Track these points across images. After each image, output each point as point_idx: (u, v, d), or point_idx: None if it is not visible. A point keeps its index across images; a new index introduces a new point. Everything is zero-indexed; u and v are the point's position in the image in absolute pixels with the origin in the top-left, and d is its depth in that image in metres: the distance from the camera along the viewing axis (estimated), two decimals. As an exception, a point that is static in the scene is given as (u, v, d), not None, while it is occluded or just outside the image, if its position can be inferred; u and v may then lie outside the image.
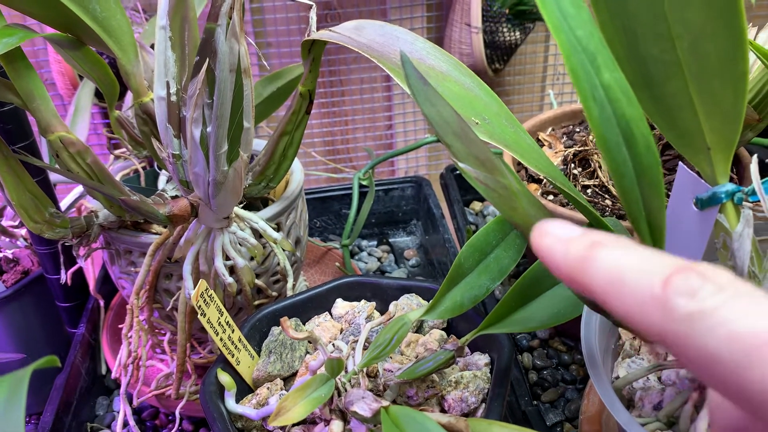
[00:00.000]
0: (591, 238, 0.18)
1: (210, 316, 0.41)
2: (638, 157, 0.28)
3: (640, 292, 0.16)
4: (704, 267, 0.16)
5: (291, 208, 0.58)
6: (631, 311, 0.16)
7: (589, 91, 0.26)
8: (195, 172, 0.42)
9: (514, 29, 1.00)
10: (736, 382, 0.15)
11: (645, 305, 0.16)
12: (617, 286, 0.17)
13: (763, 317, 0.14)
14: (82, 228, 0.53)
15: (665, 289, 0.16)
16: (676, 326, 0.15)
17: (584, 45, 0.26)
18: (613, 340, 0.42)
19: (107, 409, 0.63)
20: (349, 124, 1.16)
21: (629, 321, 0.17)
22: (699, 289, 0.15)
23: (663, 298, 0.16)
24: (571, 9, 0.25)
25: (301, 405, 0.35)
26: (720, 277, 0.16)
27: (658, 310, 0.16)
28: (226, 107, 0.39)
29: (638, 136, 0.28)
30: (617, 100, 0.27)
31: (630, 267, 0.17)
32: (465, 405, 0.40)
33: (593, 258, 0.17)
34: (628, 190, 0.29)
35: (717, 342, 0.15)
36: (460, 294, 0.42)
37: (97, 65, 0.54)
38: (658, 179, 0.29)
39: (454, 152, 0.34)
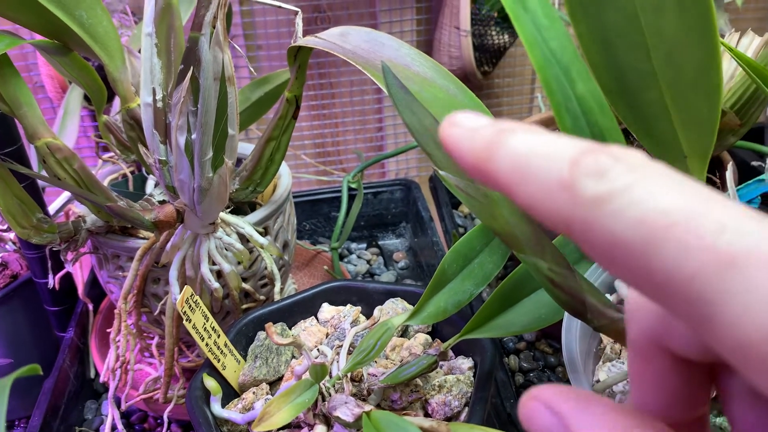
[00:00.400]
0: (500, 126, 0.16)
1: (195, 321, 0.41)
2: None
3: (545, 177, 0.15)
4: (617, 148, 0.15)
5: (278, 212, 0.58)
6: (535, 199, 0.15)
7: (563, 103, 0.27)
8: (180, 179, 0.42)
9: (502, 32, 1.00)
10: (644, 267, 0.13)
11: (550, 191, 0.14)
12: (522, 172, 0.15)
13: (673, 196, 0.13)
14: (69, 233, 0.54)
15: (572, 171, 0.14)
16: (583, 211, 0.14)
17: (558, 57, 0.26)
18: (594, 344, 0.43)
19: (96, 413, 0.63)
20: (339, 127, 1.16)
21: (534, 211, 0.15)
22: (609, 170, 0.14)
23: (569, 181, 0.14)
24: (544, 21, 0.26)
25: (285, 410, 0.35)
26: (632, 157, 0.14)
27: (564, 195, 0.14)
28: (210, 115, 0.39)
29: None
30: (591, 111, 0.27)
31: (537, 151, 0.15)
32: (448, 409, 0.41)
33: (499, 144, 0.16)
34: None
35: (625, 225, 0.13)
36: (444, 299, 0.42)
37: (85, 71, 0.54)
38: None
39: (434, 161, 0.34)
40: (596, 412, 0.15)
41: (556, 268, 0.34)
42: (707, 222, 0.13)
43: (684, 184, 0.14)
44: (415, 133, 0.34)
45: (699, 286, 0.13)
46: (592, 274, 0.43)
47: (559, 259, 0.34)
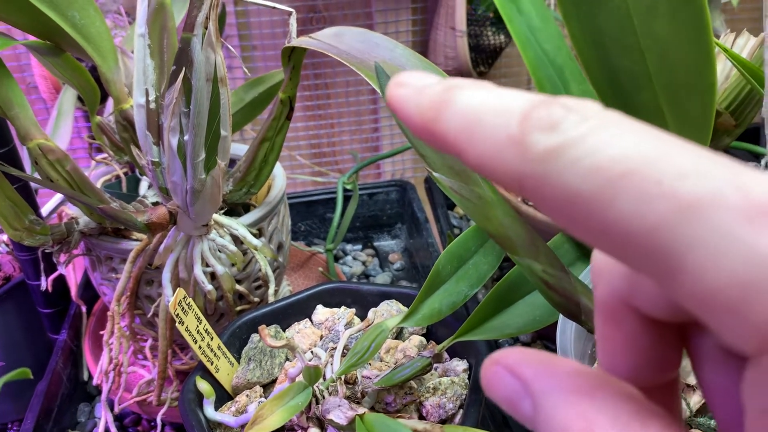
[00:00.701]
0: (448, 83, 0.15)
1: (188, 324, 0.41)
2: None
3: (495, 134, 0.14)
4: (569, 98, 0.14)
5: (273, 214, 0.58)
6: (485, 157, 0.14)
7: None
8: (173, 181, 0.42)
9: (498, 33, 1.00)
10: (601, 222, 0.12)
11: (500, 148, 0.13)
12: (471, 130, 0.14)
13: (629, 143, 0.12)
14: (62, 235, 0.53)
15: (522, 125, 0.13)
16: (534, 166, 0.13)
17: (552, 58, 0.26)
18: (589, 346, 0.43)
19: (89, 415, 0.63)
20: (335, 127, 1.16)
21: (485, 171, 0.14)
22: (561, 121, 0.13)
23: (520, 135, 0.13)
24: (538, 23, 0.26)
25: (278, 413, 0.35)
26: (586, 107, 0.13)
27: (514, 151, 0.13)
28: (202, 116, 0.39)
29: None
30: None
31: (487, 107, 0.14)
32: (443, 411, 0.40)
33: (448, 101, 0.15)
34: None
35: (577, 177, 0.12)
36: (438, 301, 0.42)
37: (77, 72, 0.54)
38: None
39: (428, 162, 0.34)
40: (560, 374, 0.15)
41: (551, 270, 0.34)
42: (666, 167, 0.12)
43: (641, 131, 0.13)
44: (409, 135, 0.34)
45: (660, 237, 0.12)
46: (586, 275, 0.43)
47: (553, 261, 0.34)
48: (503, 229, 0.34)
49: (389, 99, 0.16)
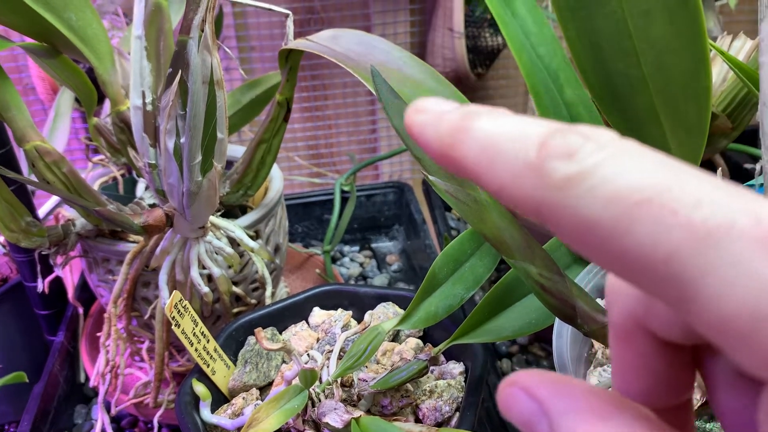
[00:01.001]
0: (466, 109, 0.15)
1: (184, 326, 0.41)
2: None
3: (513, 161, 0.14)
4: (586, 126, 0.14)
5: (270, 216, 0.58)
6: (504, 184, 0.14)
7: (551, 109, 0.26)
8: (169, 183, 0.42)
9: (496, 34, 1.00)
10: (617, 249, 0.13)
11: (519, 175, 0.14)
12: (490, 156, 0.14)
13: (645, 172, 0.13)
14: (59, 237, 0.53)
15: (540, 153, 0.14)
16: (552, 193, 0.13)
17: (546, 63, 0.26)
18: (585, 349, 0.43)
19: (86, 417, 0.63)
20: (332, 129, 1.16)
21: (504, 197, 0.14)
22: (578, 150, 0.13)
23: (537, 163, 0.14)
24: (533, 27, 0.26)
25: (274, 416, 0.35)
26: (602, 135, 0.14)
27: (533, 178, 0.14)
28: (199, 119, 0.39)
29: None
30: (580, 117, 0.27)
31: (505, 134, 0.14)
32: (439, 414, 0.40)
33: (466, 129, 0.15)
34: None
35: (595, 205, 0.13)
36: (435, 304, 0.42)
37: (74, 73, 0.54)
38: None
39: (424, 165, 0.34)
40: (576, 395, 0.15)
41: (546, 273, 0.34)
42: (682, 196, 0.12)
43: (656, 160, 0.13)
44: (405, 138, 0.34)
45: (676, 265, 0.12)
46: (582, 278, 0.43)
47: (549, 264, 0.34)
48: (499, 232, 0.34)
49: (408, 125, 0.16)
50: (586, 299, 0.35)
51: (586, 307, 0.34)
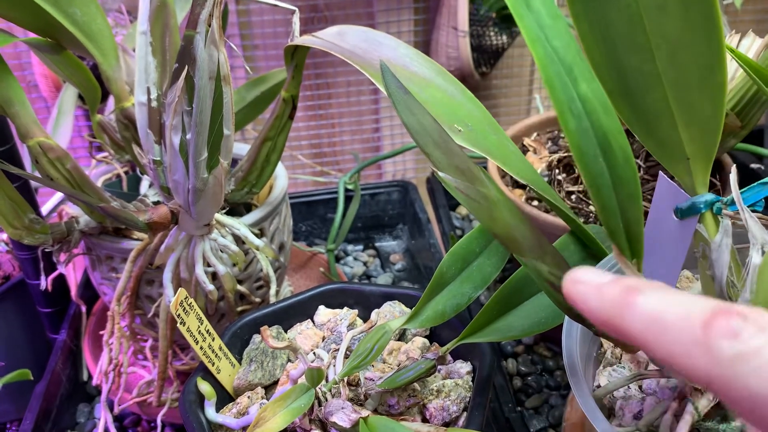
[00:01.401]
0: (625, 284, 0.18)
1: (189, 324, 0.40)
2: (616, 168, 0.28)
3: (681, 337, 0.16)
4: (742, 307, 0.16)
5: (274, 214, 0.58)
6: (674, 356, 0.17)
7: (566, 103, 0.26)
8: (174, 180, 0.42)
9: (500, 33, 1.00)
10: None
11: (688, 350, 0.16)
12: (657, 331, 0.17)
13: None
14: (62, 234, 0.53)
15: (706, 332, 0.16)
16: (722, 369, 0.16)
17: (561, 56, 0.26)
18: (594, 348, 0.42)
19: (88, 416, 0.62)
20: (336, 128, 1.15)
21: (672, 364, 0.17)
22: (741, 331, 0.16)
23: (706, 341, 0.16)
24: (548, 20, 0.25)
25: (281, 415, 0.35)
26: (760, 318, 0.16)
27: (703, 354, 0.16)
28: (205, 115, 0.38)
29: (616, 147, 0.28)
30: (594, 112, 0.27)
31: (669, 312, 0.17)
32: (446, 414, 0.40)
33: (630, 304, 0.18)
34: (605, 203, 0.29)
35: (762, 382, 0.15)
36: (443, 303, 0.42)
37: (78, 70, 0.54)
38: (636, 191, 0.29)
39: (434, 162, 0.34)
40: None
41: (557, 272, 0.33)
42: None
43: None
44: (414, 134, 0.34)
45: None
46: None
47: (559, 263, 0.34)
48: (509, 229, 0.34)
49: (568, 294, 0.19)
50: (597, 298, 0.34)
51: (596, 306, 0.34)
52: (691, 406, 0.33)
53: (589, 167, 0.28)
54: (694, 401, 0.33)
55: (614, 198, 0.29)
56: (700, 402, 0.34)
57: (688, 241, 0.35)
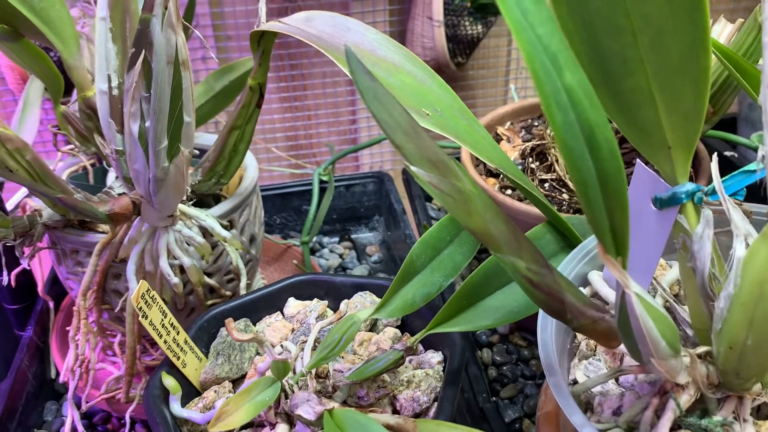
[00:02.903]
0: None
1: (152, 318, 0.39)
2: (602, 163, 0.27)
3: None
4: None
5: (244, 205, 0.57)
6: None
7: (552, 96, 0.25)
8: (135, 169, 0.40)
9: (476, 23, 0.99)
10: None
11: None
12: None
13: None
14: (24, 227, 0.51)
15: None
16: None
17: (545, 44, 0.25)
18: (568, 340, 0.42)
19: (56, 414, 0.61)
20: (312, 119, 1.14)
21: None
22: None
23: None
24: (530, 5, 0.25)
25: (244, 409, 0.34)
26: None
27: None
28: (164, 101, 0.37)
29: (602, 141, 0.27)
30: (580, 104, 0.26)
31: None
32: (417, 405, 0.39)
33: None
34: (592, 200, 0.28)
35: None
36: (412, 292, 0.41)
37: (38, 58, 0.52)
38: (622, 188, 0.28)
39: (405, 154, 0.33)
40: None
41: (534, 267, 0.33)
42: None
43: None
44: (384, 125, 0.32)
45: None
46: (565, 266, 0.42)
47: (537, 257, 0.33)
48: (485, 224, 0.33)
49: None
50: (575, 293, 0.34)
51: (575, 300, 0.33)
52: (673, 401, 0.33)
53: (575, 163, 0.27)
54: (675, 396, 0.33)
55: (600, 194, 0.28)
56: (682, 397, 0.33)
57: (668, 232, 0.35)
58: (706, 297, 0.33)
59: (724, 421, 0.32)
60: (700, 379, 0.32)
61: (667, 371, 0.31)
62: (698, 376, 0.32)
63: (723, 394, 0.33)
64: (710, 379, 0.33)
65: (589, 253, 0.43)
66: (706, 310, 0.33)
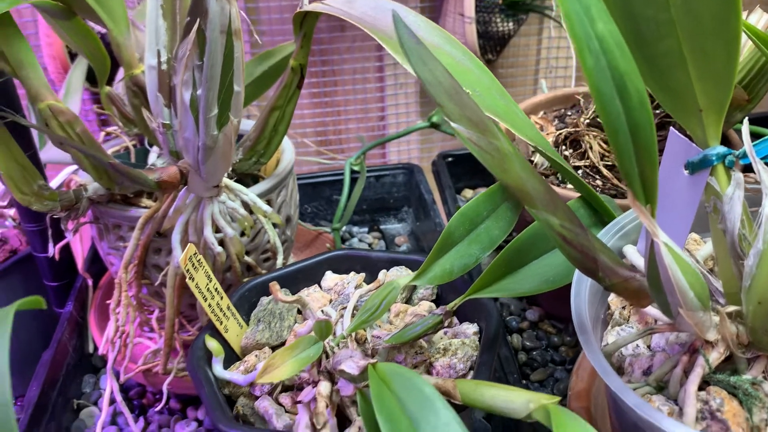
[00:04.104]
0: None
1: (198, 281, 0.41)
2: (632, 112, 0.28)
3: None
4: None
5: (282, 186, 0.58)
6: None
7: (584, 40, 0.26)
8: (185, 137, 0.42)
9: (507, 20, 1.00)
10: None
11: None
12: None
13: None
14: (70, 201, 0.53)
15: None
16: None
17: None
18: (602, 310, 0.42)
19: (94, 386, 0.63)
20: (341, 114, 1.16)
21: None
22: None
23: None
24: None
25: (290, 363, 0.35)
26: None
27: None
28: (216, 69, 0.38)
29: (632, 90, 0.28)
30: (611, 52, 0.27)
31: None
32: (453, 372, 0.40)
33: None
34: (622, 147, 0.29)
35: None
36: (450, 262, 0.42)
37: (88, 38, 0.54)
38: (651, 136, 0.29)
39: (446, 113, 0.34)
40: None
41: (568, 225, 0.34)
42: None
43: None
44: (427, 85, 0.34)
45: None
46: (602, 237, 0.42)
47: (571, 216, 0.34)
48: (521, 182, 0.34)
49: None
50: (608, 253, 0.34)
51: (607, 260, 0.34)
52: (702, 358, 0.33)
53: (606, 108, 0.28)
54: (705, 353, 0.33)
55: (630, 142, 0.29)
56: (711, 354, 0.34)
57: (699, 195, 0.35)
58: (736, 257, 0.33)
59: (754, 380, 0.33)
60: (729, 337, 0.33)
61: (696, 324, 0.32)
62: (728, 334, 0.33)
63: (753, 354, 0.33)
64: (740, 339, 0.33)
65: (623, 228, 0.43)
66: (736, 270, 0.34)
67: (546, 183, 0.35)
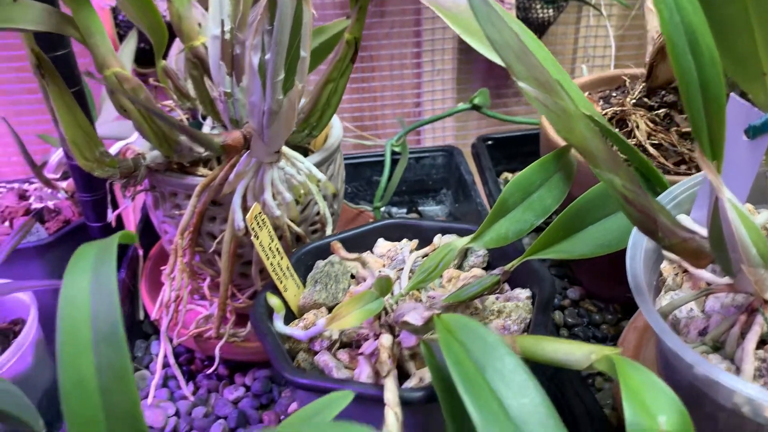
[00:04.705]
0: None
1: (262, 239, 0.42)
2: (703, 68, 0.29)
3: None
4: None
5: (330, 160, 0.59)
6: None
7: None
8: (251, 101, 0.43)
9: (547, 7, 1.00)
10: None
11: None
12: None
13: None
14: (129, 169, 0.55)
15: None
16: None
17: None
18: (654, 277, 0.43)
19: (145, 351, 0.65)
20: (378, 101, 1.17)
21: None
22: None
23: None
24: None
25: (355, 314, 0.36)
26: None
27: None
28: (285, 34, 0.40)
29: (703, 46, 0.29)
30: (684, 8, 0.28)
31: None
32: (507, 333, 0.41)
33: None
34: (692, 100, 0.30)
35: None
36: (505, 227, 0.43)
37: (149, 11, 0.56)
38: (720, 93, 0.30)
39: (515, 72, 0.35)
40: None
41: (630, 186, 0.34)
42: None
43: None
44: (497, 46, 0.35)
45: None
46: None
47: (632, 178, 0.35)
48: (585, 141, 0.35)
49: None
50: (667, 214, 0.35)
51: (666, 221, 0.35)
52: (761, 317, 0.34)
53: (679, 60, 0.29)
54: (764, 312, 0.34)
55: (700, 96, 0.30)
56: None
57: (759, 161, 0.36)
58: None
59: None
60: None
61: (757, 282, 0.33)
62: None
63: (813, 314, 0.34)
64: (801, 299, 0.34)
65: (676, 198, 0.44)
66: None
67: (608, 145, 0.35)
